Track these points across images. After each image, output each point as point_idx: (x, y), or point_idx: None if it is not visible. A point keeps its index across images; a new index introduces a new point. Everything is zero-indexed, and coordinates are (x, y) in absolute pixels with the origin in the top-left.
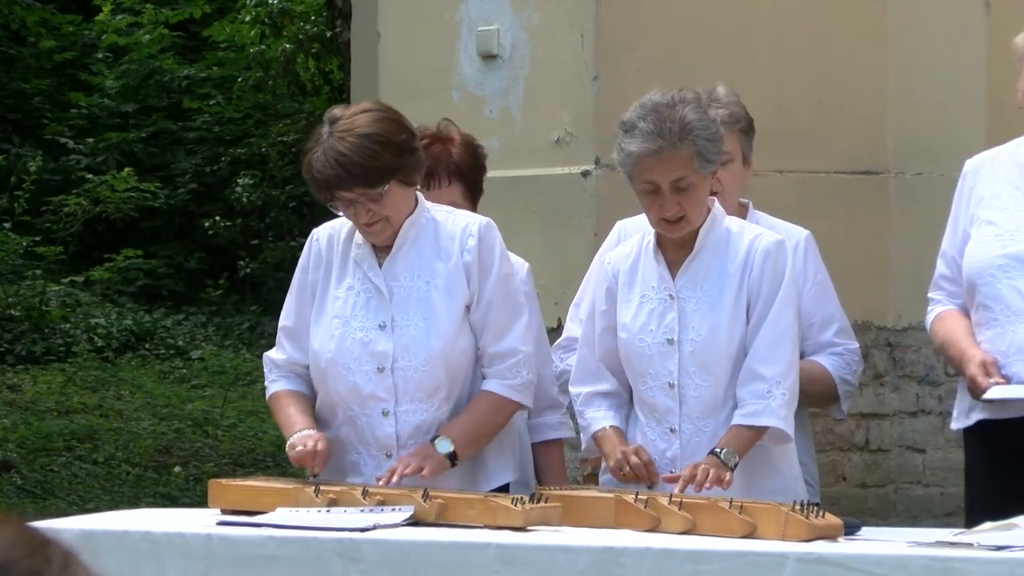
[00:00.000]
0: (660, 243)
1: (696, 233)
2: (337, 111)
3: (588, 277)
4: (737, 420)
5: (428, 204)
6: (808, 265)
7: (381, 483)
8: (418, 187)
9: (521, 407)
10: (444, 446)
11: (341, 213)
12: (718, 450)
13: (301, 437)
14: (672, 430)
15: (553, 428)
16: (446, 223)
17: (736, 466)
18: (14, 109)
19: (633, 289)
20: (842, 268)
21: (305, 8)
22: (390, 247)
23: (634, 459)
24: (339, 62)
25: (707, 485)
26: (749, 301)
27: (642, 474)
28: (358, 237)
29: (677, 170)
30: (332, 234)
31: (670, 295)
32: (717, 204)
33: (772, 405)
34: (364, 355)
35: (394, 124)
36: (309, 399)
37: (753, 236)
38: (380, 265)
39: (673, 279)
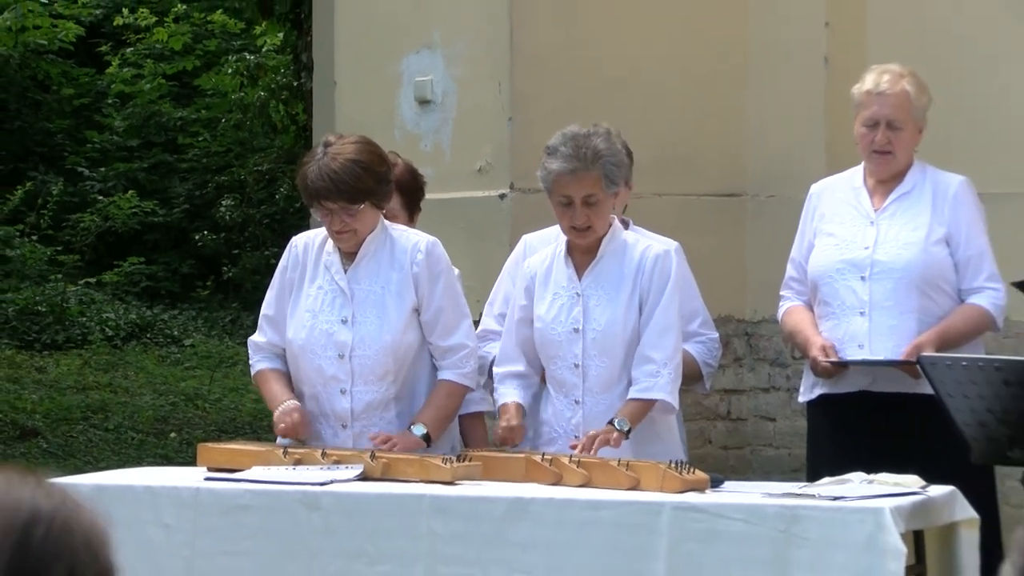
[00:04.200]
0: (570, 251)
1: (599, 243)
2: (332, 137)
3: (499, 281)
4: (632, 395)
5: (387, 224)
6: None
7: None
8: (384, 210)
9: (470, 391)
10: (419, 430)
11: (320, 221)
12: (615, 420)
13: (281, 414)
14: (576, 402)
15: (475, 403)
16: (400, 239)
17: (630, 432)
18: (40, 144)
19: (547, 287)
20: (710, 271)
21: (276, 63)
22: (354, 255)
23: (501, 431)
24: (303, 106)
25: (594, 448)
26: (641, 298)
27: (507, 438)
28: (329, 246)
29: (588, 188)
30: (308, 242)
31: (577, 293)
32: (617, 221)
33: (660, 382)
34: (328, 343)
35: (376, 157)
36: (286, 374)
37: (645, 246)
38: (345, 270)
39: (580, 280)
